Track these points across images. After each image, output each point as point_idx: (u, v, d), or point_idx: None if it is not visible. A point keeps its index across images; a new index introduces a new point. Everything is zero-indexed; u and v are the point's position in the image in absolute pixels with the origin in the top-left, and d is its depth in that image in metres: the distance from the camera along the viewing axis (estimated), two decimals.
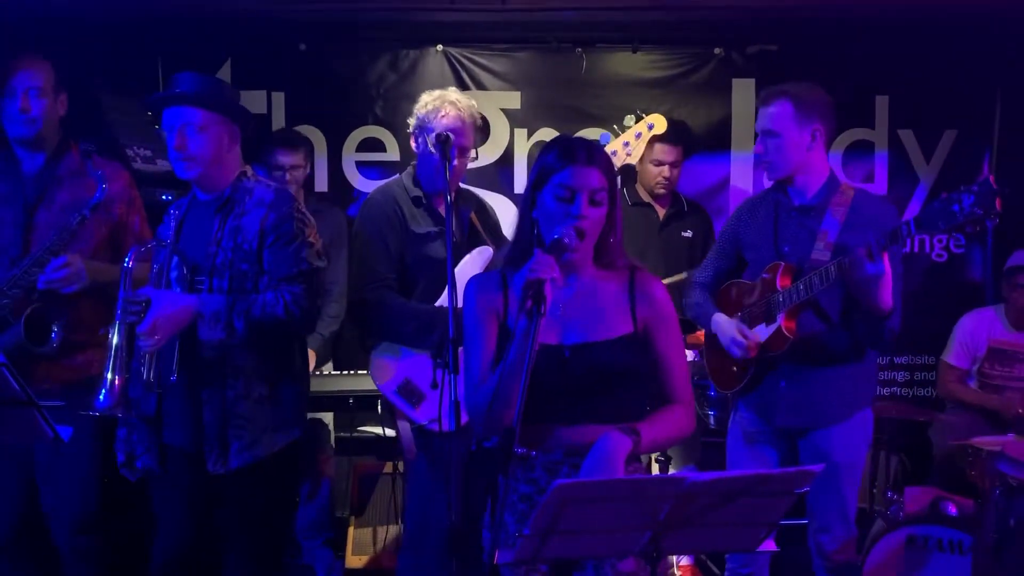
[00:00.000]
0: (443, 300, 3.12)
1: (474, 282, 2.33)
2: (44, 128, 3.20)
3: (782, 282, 2.95)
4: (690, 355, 4.14)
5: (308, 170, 4.43)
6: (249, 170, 2.98)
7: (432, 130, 3.12)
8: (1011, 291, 4.40)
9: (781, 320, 2.92)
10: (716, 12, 4.56)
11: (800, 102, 2.97)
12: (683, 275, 3.96)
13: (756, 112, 3.10)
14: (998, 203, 2.46)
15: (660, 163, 4.34)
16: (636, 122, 3.62)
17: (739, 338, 2.99)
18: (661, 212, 4.44)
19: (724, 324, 3.07)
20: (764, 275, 3.03)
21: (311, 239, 2.90)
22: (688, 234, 4.43)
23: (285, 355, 2.95)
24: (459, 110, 3.15)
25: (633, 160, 3.55)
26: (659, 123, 3.56)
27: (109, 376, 2.73)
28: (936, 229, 2.61)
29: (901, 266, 2.94)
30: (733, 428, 3.21)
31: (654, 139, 4.17)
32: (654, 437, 2.21)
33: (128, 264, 2.80)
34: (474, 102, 3.29)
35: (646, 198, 4.44)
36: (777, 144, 2.99)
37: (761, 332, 3.00)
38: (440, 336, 3.06)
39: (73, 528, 3.19)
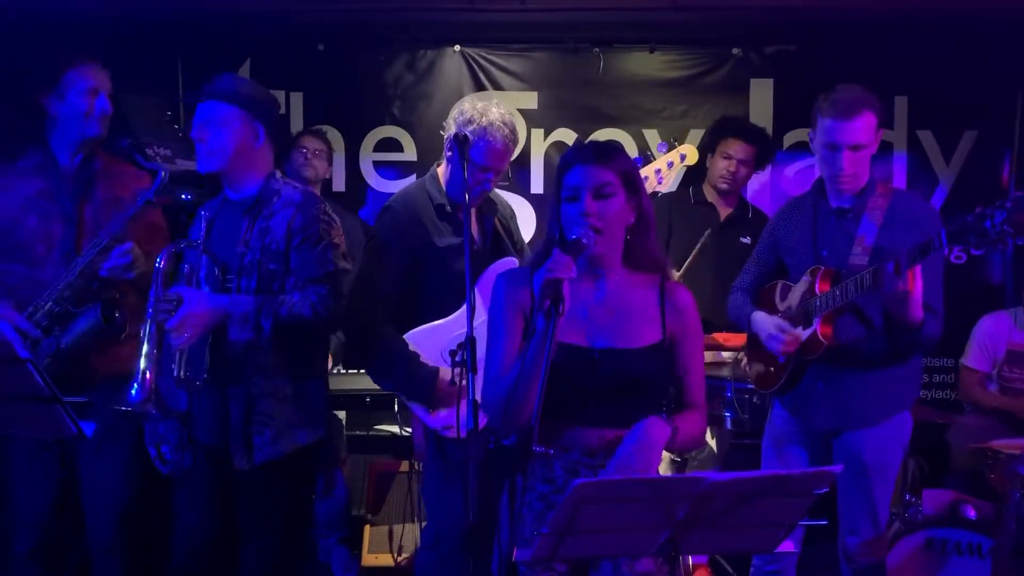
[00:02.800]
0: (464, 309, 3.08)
1: (504, 277, 2.35)
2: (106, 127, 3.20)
3: (821, 287, 2.92)
4: (729, 355, 4.13)
5: (328, 172, 4.44)
6: (278, 172, 3.01)
7: (474, 147, 3.03)
8: None
9: (817, 325, 2.90)
10: (734, 12, 4.56)
11: (877, 111, 2.93)
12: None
13: (827, 126, 2.88)
14: None
15: (729, 156, 4.26)
16: (669, 150, 3.73)
17: (777, 332, 2.96)
18: (723, 213, 4.36)
19: (763, 320, 3.05)
20: (804, 278, 3.00)
21: (336, 240, 2.93)
22: (747, 240, 4.23)
23: (310, 354, 2.98)
24: (505, 136, 3.05)
25: (663, 189, 3.57)
26: (691, 154, 3.68)
27: (140, 372, 2.76)
28: (968, 244, 2.56)
29: (942, 269, 2.90)
30: (768, 428, 3.19)
31: (728, 133, 4.28)
32: (683, 435, 2.24)
33: (160, 264, 2.82)
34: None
35: (710, 197, 4.36)
36: (864, 156, 2.93)
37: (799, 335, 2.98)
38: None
39: (112, 520, 3.19)
